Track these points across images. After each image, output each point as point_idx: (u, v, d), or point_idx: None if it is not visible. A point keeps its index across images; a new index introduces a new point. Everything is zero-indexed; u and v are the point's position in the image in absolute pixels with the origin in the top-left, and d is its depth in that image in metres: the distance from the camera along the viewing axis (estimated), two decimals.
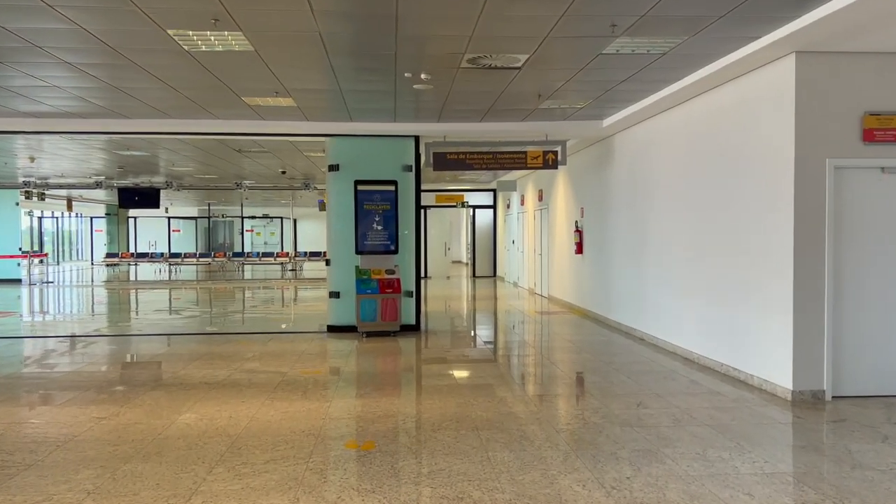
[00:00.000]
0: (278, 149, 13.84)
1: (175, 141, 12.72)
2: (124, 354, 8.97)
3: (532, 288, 17.65)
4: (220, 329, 11.39)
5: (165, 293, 19.46)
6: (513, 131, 10.60)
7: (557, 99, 8.68)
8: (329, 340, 9.96)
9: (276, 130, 10.42)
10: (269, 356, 8.61)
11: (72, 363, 8.32)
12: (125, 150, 13.76)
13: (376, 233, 10.54)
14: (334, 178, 10.74)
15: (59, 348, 9.46)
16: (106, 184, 20.77)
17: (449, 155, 10.77)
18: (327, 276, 10.96)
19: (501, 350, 9.44)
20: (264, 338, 10.16)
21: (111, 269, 29.40)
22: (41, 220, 35.72)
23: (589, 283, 12.62)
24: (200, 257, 30.71)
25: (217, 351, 9.00)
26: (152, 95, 8.36)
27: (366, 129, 10.39)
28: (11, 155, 14.71)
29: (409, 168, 10.74)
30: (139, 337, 10.67)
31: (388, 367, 7.95)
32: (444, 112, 9.55)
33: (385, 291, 10.20)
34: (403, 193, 10.69)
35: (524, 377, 7.49)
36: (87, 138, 11.99)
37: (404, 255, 10.74)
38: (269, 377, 7.35)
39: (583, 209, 13.00)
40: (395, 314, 10.21)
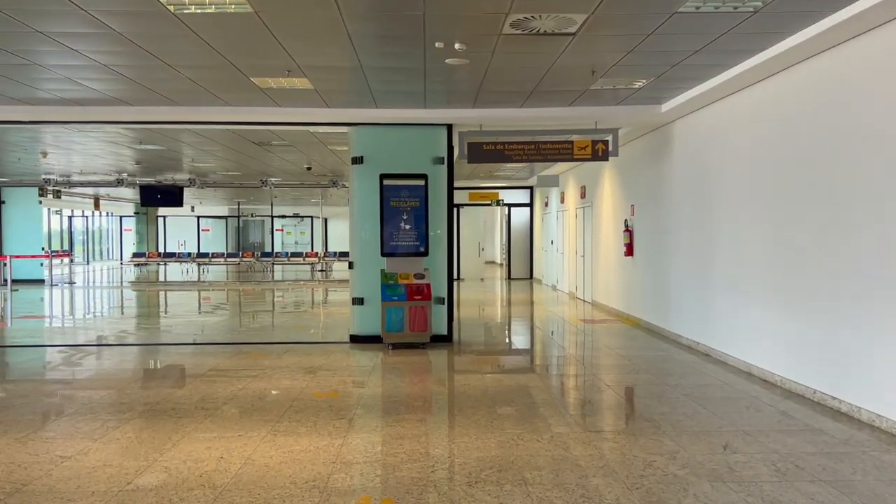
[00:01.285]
0: (300, 141, 12.84)
1: (188, 133, 11.78)
2: (121, 369, 8.00)
3: (573, 292, 16.40)
4: (234, 338, 10.39)
5: (187, 296, 18.65)
6: (558, 118, 9.40)
7: (613, 77, 7.47)
8: (351, 353, 8.88)
9: (293, 119, 9.38)
10: (282, 372, 7.57)
11: (57, 379, 7.37)
12: (138, 143, 12.88)
13: (404, 233, 9.43)
14: (358, 171, 9.66)
15: (52, 360, 8.54)
16: (128, 181, 20.05)
17: (485, 145, 9.63)
18: (350, 280, 9.90)
19: (546, 368, 8.27)
20: (280, 349, 9.13)
21: (138, 270, 28.83)
22: (71, 219, 35.44)
23: (641, 288, 11.35)
24: (228, 257, 30.01)
25: (225, 365, 7.98)
26: (147, 76, 7.36)
27: (393, 117, 9.30)
28: (21, 149, 13.95)
29: (441, 160, 9.62)
30: (145, 347, 9.73)
31: (415, 390, 6.83)
32: (480, 95, 8.41)
33: (413, 298, 9.09)
34: (434, 189, 9.56)
35: (576, 405, 6.31)
36: (93, 130, 11.09)
37: (435, 258, 9.62)
38: (278, 400, 6.29)
39: (633, 207, 11.74)
40: (425, 324, 9.09)
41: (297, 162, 16.21)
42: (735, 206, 7.91)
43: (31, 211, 21.95)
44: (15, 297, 17.07)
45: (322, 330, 11.33)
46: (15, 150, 14.13)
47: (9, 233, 22.01)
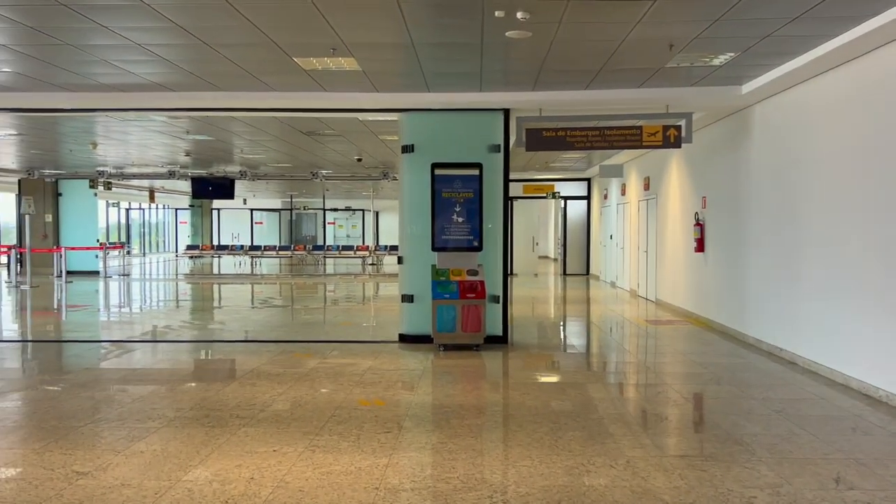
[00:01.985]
0: (350, 131, 12.33)
1: (236, 122, 11.39)
2: (159, 369, 7.61)
3: (634, 290, 15.52)
4: (280, 335, 9.95)
5: (238, 289, 18.45)
6: (626, 101, 8.61)
7: (693, 52, 6.67)
8: (400, 354, 8.32)
9: (341, 105, 8.85)
10: (326, 375, 7.04)
11: (88, 378, 6.99)
12: (185, 133, 12.58)
13: (457, 226, 8.81)
14: (408, 161, 9.07)
15: (90, 358, 8.21)
16: (179, 173, 19.99)
17: (545, 132, 8.92)
18: (399, 276, 9.33)
19: (613, 375, 7.54)
20: (327, 348, 8.62)
21: (191, 262, 29.00)
22: (128, 211, 36.00)
23: (713, 287, 10.47)
24: (281, 250, 29.96)
25: (268, 366, 7.51)
26: (185, 57, 6.90)
27: (446, 102, 8.66)
28: (72, 140, 13.83)
29: (497, 148, 8.95)
30: (189, 345, 9.35)
31: (468, 399, 6.20)
32: (541, 76, 7.70)
33: (466, 296, 8.46)
34: (489, 179, 8.90)
35: (651, 421, 5.58)
36: (137, 119, 10.79)
37: (489, 253, 8.96)
38: (319, 407, 5.75)
39: (705, 199, 10.85)
40: (479, 324, 8.46)
41: (347, 153, 15.76)
42: (830, 198, 7.01)
43: (86, 203, 22.12)
44: (68, 289, 17.12)
45: (370, 328, 10.81)
46: (66, 142, 14.04)
47: (66, 225, 22.24)
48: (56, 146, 14.79)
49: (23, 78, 7.82)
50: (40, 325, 11.26)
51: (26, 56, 6.91)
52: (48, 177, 20.68)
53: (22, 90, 8.41)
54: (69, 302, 14.67)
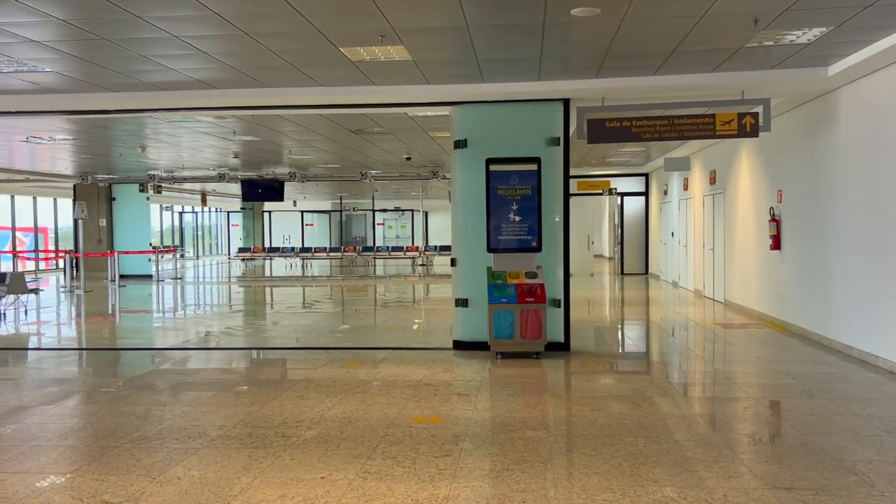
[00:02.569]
0: (398, 128, 11.89)
1: (283, 122, 11.07)
2: (203, 378, 7.27)
3: (699, 290, 14.70)
4: (330, 341, 9.56)
5: (288, 292, 18.25)
6: (697, 88, 7.93)
7: (779, 28, 5.99)
8: (455, 362, 7.81)
9: (390, 99, 8.40)
10: (377, 386, 6.59)
11: (131, 390, 6.68)
12: (232, 133, 12.33)
13: (513, 225, 8.26)
14: (461, 157, 8.56)
15: (134, 367, 7.94)
16: (229, 176, 19.92)
17: (609, 122, 8.30)
18: (453, 279, 8.83)
19: (689, 387, 6.88)
20: (378, 356, 8.18)
21: (243, 264, 29.11)
22: (181, 215, 36.48)
23: (791, 287, 9.67)
24: (331, 252, 29.85)
25: (316, 376, 7.10)
26: (228, 50, 6.53)
27: (501, 93, 8.12)
28: (121, 144, 13.75)
29: (556, 141, 8.36)
30: (236, 352, 9.03)
31: (533, 415, 5.65)
32: (606, 61, 7.10)
33: (525, 301, 7.91)
34: (548, 174, 8.33)
35: (743, 444, 4.94)
36: (183, 119, 10.55)
37: (549, 254, 8.39)
38: (371, 425, 5.28)
39: (781, 192, 10.04)
40: (539, 330, 7.89)
41: (396, 152, 15.35)
42: None
43: (139, 207, 22.27)
44: (120, 294, 17.16)
45: (422, 332, 10.34)
46: (116, 145, 13.97)
47: (119, 229, 22.44)
48: (106, 150, 14.77)
49: (65, 78, 7.60)
50: (88, 332, 11.13)
51: (66, 55, 6.65)
52: (101, 181, 20.87)
53: (66, 91, 8.21)
54: (119, 307, 14.63)
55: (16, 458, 4.61)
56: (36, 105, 8.46)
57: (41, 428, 5.34)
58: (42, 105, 8.46)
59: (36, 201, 25.24)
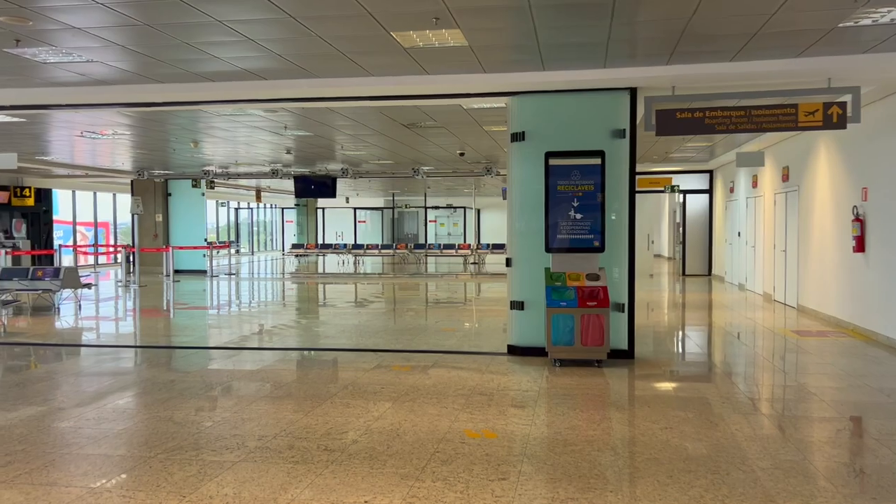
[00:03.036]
0: (452, 122, 11.46)
1: (334, 115, 10.76)
2: (247, 381, 6.97)
3: (769, 294, 13.85)
4: (379, 342, 9.19)
5: (339, 289, 18.04)
6: (779, 75, 7.26)
7: (882, 3, 5.32)
8: (510, 369, 7.34)
9: (444, 89, 7.98)
10: (427, 394, 6.17)
11: (172, 394, 6.41)
12: (283, 128, 12.10)
13: (574, 223, 7.73)
14: (518, 151, 8.07)
15: (176, 365, 7.71)
16: (282, 172, 19.84)
17: (679, 113, 7.70)
18: (508, 280, 8.35)
19: (771, 404, 6.24)
20: (428, 360, 7.77)
21: (296, 261, 29.16)
22: (237, 211, 36.88)
23: (878, 293, 8.87)
24: (383, 249, 29.68)
25: (363, 380, 6.73)
26: (270, 35, 6.19)
27: (563, 81, 7.60)
28: (174, 139, 13.70)
29: (621, 133, 7.80)
30: (283, 353, 8.74)
31: (598, 433, 5.14)
32: (680, 45, 6.51)
33: (586, 305, 7.37)
34: (612, 168, 7.77)
35: (845, 476, 4.33)
36: (233, 113, 10.33)
37: (612, 254, 7.83)
38: (420, 439, 4.87)
39: (866, 190, 9.23)
40: (601, 337, 7.35)
41: (449, 147, 14.93)
42: None
43: (195, 203, 22.43)
44: (174, 289, 17.22)
45: (474, 335, 9.89)
46: (169, 140, 13.93)
47: (175, 224, 22.66)
48: (160, 145, 14.77)
49: (110, 69, 7.40)
50: (135, 329, 11.05)
51: (110, 44, 6.43)
52: (157, 177, 21.06)
53: (113, 83, 8.03)
54: (170, 302, 14.62)
55: (44, 469, 4.34)
56: (83, 98, 8.32)
57: (75, 433, 5.09)
58: (90, 97, 8.31)
59: (96, 196, 25.73)
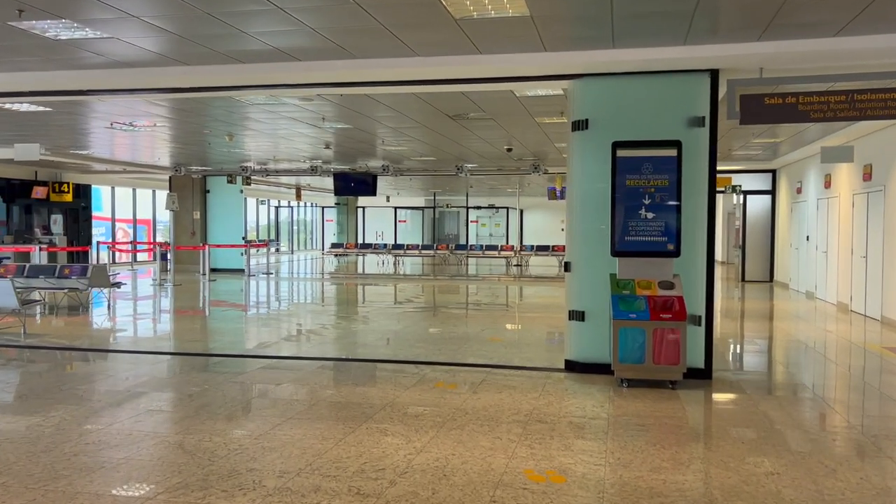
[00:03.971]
0: (502, 112, 10.58)
1: (374, 106, 9.98)
2: (273, 398, 6.20)
3: (844, 303, 12.63)
4: (419, 353, 8.36)
5: (379, 291, 17.30)
6: (885, 51, 6.21)
7: None
8: (569, 388, 6.43)
9: (496, 72, 7.11)
10: (477, 420, 5.31)
11: (188, 412, 5.67)
12: (321, 120, 11.37)
13: (645, 224, 6.77)
14: (580, 141, 7.15)
15: (197, 378, 6.98)
16: (321, 169, 19.20)
17: (768, 98, 6.71)
18: (567, 286, 7.43)
19: (891, 442, 5.22)
20: (475, 375, 6.92)
21: (336, 261, 28.60)
22: (277, 209, 36.54)
23: None
24: (423, 249, 28.92)
25: (403, 400, 5.90)
26: (305, 2, 5.40)
27: (634, 61, 6.66)
28: (208, 132, 13.09)
29: (700, 122, 6.83)
30: (315, 363, 7.97)
31: (688, 480, 4.20)
32: (778, 17, 5.53)
33: (660, 317, 6.42)
34: (690, 161, 6.80)
35: None
36: (266, 101, 9.62)
37: (688, 259, 6.85)
38: (471, 481, 4.01)
39: None
40: (676, 354, 6.39)
41: (496, 142, 14.05)
42: None
43: (233, 200, 21.94)
44: (209, 289, 16.68)
45: (524, 345, 8.97)
46: (203, 133, 13.34)
47: (213, 222, 22.21)
48: (195, 139, 14.21)
49: (133, 48, 6.71)
50: (159, 332, 10.44)
51: (126, 16, 5.72)
52: (195, 173, 20.62)
53: (135, 65, 7.36)
54: (202, 303, 14.04)
55: None
56: (105, 82, 7.67)
57: (69, 462, 4.35)
58: (111, 82, 7.65)
59: (135, 193, 25.50)
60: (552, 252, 26.27)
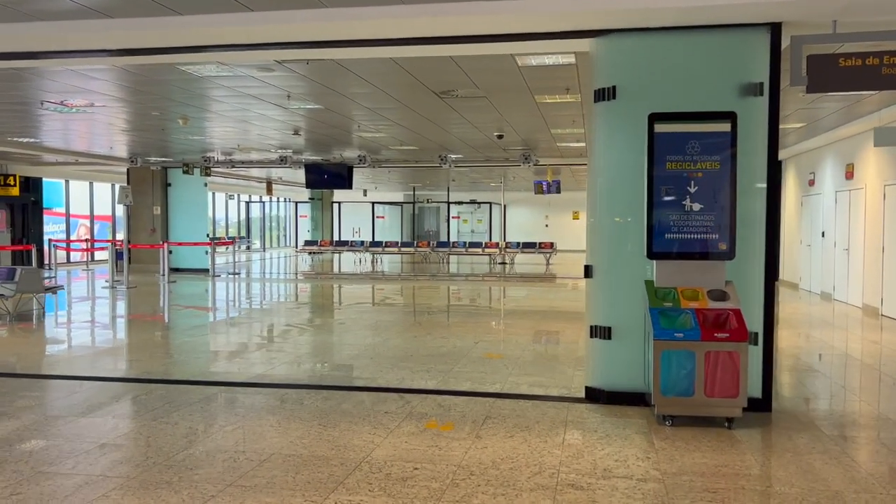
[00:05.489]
0: (497, 87, 9.13)
1: (347, 77, 8.49)
2: (195, 455, 4.71)
3: (872, 306, 11.39)
4: (403, 376, 6.88)
5: (353, 293, 15.79)
6: None
7: None
8: (598, 428, 5.01)
9: (496, 26, 5.67)
10: (487, 485, 3.87)
11: (82, 479, 4.16)
12: (286, 98, 9.83)
13: (691, 217, 5.37)
14: (606, 113, 5.71)
15: (99, 406, 5.45)
16: (292, 159, 17.65)
17: (844, 60, 5.33)
18: (587, 295, 6.00)
19: None
20: (475, 411, 5.47)
21: (309, 258, 27.01)
22: (248, 204, 34.81)
23: None
24: (402, 247, 27.42)
25: (382, 455, 4.44)
26: None
27: (673, 12, 5.23)
28: (159, 113, 11.49)
29: (757, 89, 5.43)
30: (273, 392, 6.46)
31: None
32: None
33: (713, 337, 5.02)
34: (746, 139, 5.41)
35: None
36: (219, 74, 8.07)
37: (744, 262, 5.46)
38: None
39: None
40: (735, 384, 4.99)
41: (485, 127, 12.61)
42: None
43: (197, 194, 20.25)
44: (167, 292, 15.06)
45: (529, 365, 7.51)
46: (151, 117, 11.73)
47: (175, 218, 20.51)
48: (146, 123, 12.59)
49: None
50: (81, 349, 8.88)
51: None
52: (154, 165, 18.92)
53: (56, 17, 5.78)
54: (151, 310, 12.46)
55: None
56: (9, 42, 6.09)
57: None
58: (17, 42, 6.07)
59: (92, 187, 23.68)
60: (539, 249, 24.94)
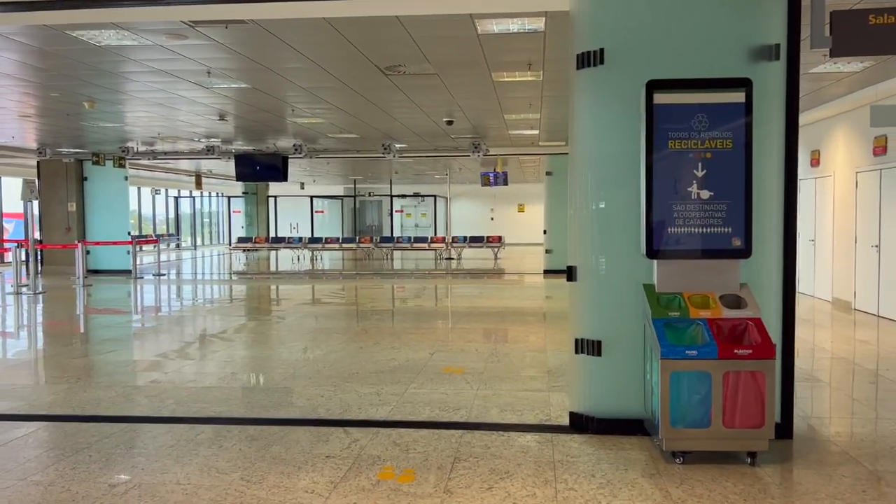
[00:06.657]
0: (451, 62, 8.06)
1: (277, 48, 7.28)
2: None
3: (844, 300, 10.83)
4: (348, 401, 5.76)
5: (290, 295, 14.51)
6: None
7: None
8: (592, 469, 4.01)
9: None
10: None
11: None
12: (206, 75, 8.53)
13: (699, 207, 4.41)
14: (592, 82, 4.69)
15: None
16: (220, 150, 16.20)
17: (874, 17, 4.47)
18: (571, 302, 4.99)
19: None
20: (439, 448, 4.41)
21: (242, 256, 25.44)
22: (177, 200, 32.86)
23: None
24: (344, 243, 26.13)
25: None
26: None
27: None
28: (59, 92, 9.99)
29: (771, 53, 4.51)
30: (172, 428, 5.25)
31: None
32: None
33: (732, 353, 4.07)
34: (761, 112, 4.48)
35: None
36: (124, 43, 6.74)
37: (760, 261, 4.55)
38: None
39: None
40: (761, 412, 4.06)
41: (434, 111, 11.53)
42: None
43: (116, 189, 18.53)
44: (78, 297, 13.49)
45: (497, 381, 6.46)
46: (50, 99, 10.22)
47: (92, 215, 18.73)
48: (47, 105, 11.05)
49: None
50: None
51: None
52: (66, 157, 17.16)
53: None
54: (56, 319, 10.97)
55: None
56: None
57: None
58: None
59: (1, 182, 21.59)
60: (487, 244, 24.08)
